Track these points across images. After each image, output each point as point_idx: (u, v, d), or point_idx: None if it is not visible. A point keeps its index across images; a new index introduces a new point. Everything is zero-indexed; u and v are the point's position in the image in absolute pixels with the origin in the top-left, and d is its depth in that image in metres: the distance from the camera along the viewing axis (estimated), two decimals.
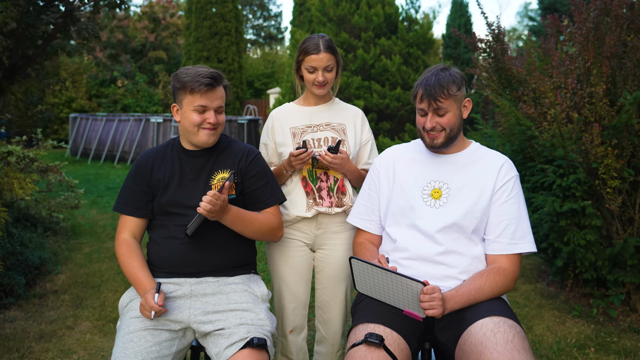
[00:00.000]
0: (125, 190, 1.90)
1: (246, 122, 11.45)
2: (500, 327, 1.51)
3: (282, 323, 2.22)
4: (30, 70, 3.66)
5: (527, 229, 1.75)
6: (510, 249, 1.73)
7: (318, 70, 2.05)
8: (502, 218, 1.74)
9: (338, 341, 2.27)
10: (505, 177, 1.77)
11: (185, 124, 1.83)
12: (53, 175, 4.65)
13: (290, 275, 2.18)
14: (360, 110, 2.25)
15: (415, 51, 7.65)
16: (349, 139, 2.16)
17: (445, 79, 1.74)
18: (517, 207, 1.75)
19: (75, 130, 13.20)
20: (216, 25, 16.13)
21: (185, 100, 1.80)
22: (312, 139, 2.14)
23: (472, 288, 1.66)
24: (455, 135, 1.80)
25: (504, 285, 1.70)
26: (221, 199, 1.68)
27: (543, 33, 13.09)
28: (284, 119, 2.18)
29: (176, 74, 1.84)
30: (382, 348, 1.52)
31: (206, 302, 1.77)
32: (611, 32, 3.06)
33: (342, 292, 2.23)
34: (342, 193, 2.14)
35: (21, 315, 3.24)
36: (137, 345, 1.62)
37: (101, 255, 4.60)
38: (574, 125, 3.10)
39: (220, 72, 1.84)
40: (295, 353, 2.24)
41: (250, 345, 1.61)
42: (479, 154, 1.84)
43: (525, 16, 29.12)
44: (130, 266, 1.81)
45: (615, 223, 3.13)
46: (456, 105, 1.77)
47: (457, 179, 1.80)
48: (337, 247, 2.18)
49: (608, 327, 3.10)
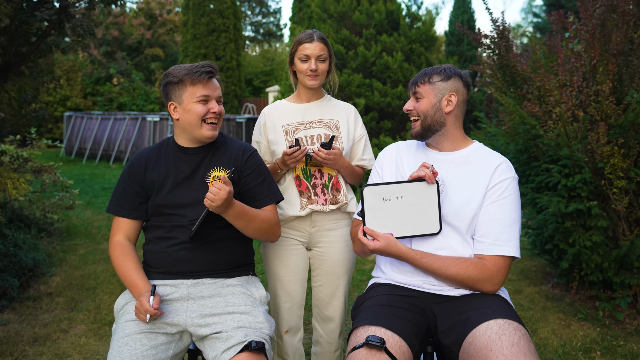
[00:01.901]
0: (118, 192, 1.90)
1: (244, 121, 11.46)
2: (506, 330, 1.51)
3: (277, 323, 2.24)
4: (24, 68, 3.67)
5: (514, 234, 1.72)
6: (493, 250, 1.70)
7: (311, 58, 2.10)
8: (489, 217, 1.73)
9: (336, 340, 2.28)
10: (499, 177, 1.75)
11: (189, 118, 1.83)
12: (47, 176, 4.65)
13: (285, 274, 2.20)
14: (353, 107, 2.29)
15: (417, 47, 7.64)
16: (342, 135, 2.19)
17: (435, 69, 1.83)
18: (507, 208, 1.73)
19: (70, 129, 13.21)
20: (214, 22, 16.13)
21: (186, 93, 1.81)
22: (304, 136, 2.17)
23: (437, 264, 1.69)
24: (432, 126, 1.81)
25: (475, 279, 1.68)
26: (226, 190, 1.67)
27: (548, 30, 13.08)
28: (276, 117, 2.21)
29: (168, 72, 1.85)
30: (383, 351, 1.52)
31: (203, 304, 1.77)
32: (618, 29, 3.06)
33: (341, 288, 2.25)
34: (336, 190, 2.17)
35: (15, 318, 3.24)
36: (132, 349, 1.62)
37: (96, 256, 4.60)
38: (579, 124, 3.10)
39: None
40: (292, 354, 2.25)
41: (248, 349, 1.61)
42: (478, 154, 1.84)
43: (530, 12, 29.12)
44: (125, 269, 1.81)
45: (622, 224, 3.13)
46: (433, 94, 1.80)
47: (453, 177, 1.81)
48: (333, 244, 2.21)
49: (614, 330, 3.10)
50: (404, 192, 1.72)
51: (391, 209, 1.72)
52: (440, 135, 1.84)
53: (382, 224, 1.72)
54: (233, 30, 16.62)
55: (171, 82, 1.83)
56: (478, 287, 1.71)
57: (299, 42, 2.13)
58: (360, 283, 3.96)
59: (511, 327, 1.53)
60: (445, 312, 1.72)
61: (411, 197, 1.72)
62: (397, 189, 1.72)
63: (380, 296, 1.79)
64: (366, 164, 2.27)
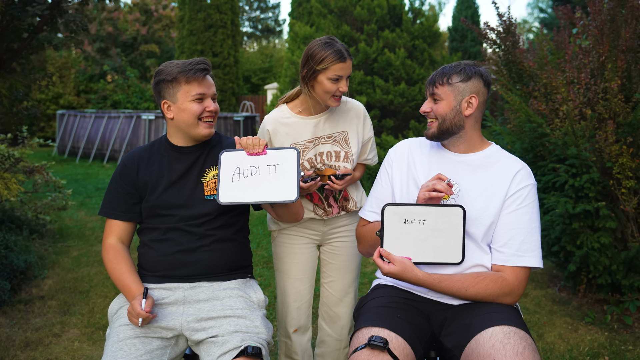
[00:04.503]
0: (110, 193, 1.90)
1: (242, 119, 11.46)
2: (511, 339, 1.50)
3: (285, 323, 2.25)
4: (15, 65, 3.67)
5: (536, 243, 1.70)
6: (514, 261, 1.68)
7: (343, 78, 2.00)
8: (509, 227, 1.70)
9: (345, 337, 2.30)
10: (519, 185, 1.72)
11: (185, 117, 1.83)
12: (39, 176, 4.65)
13: (295, 272, 2.23)
14: (361, 104, 2.24)
15: (420, 44, 7.63)
16: (352, 144, 2.17)
17: (453, 68, 1.77)
18: (528, 217, 1.70)
19: (63, 128, 13.20)
20: (211, 18, 16.12)
21: (181, 92, 1.81)
22: (314, 155, 2.14)
23: (456, 286, 1.66)
24: (450, 129, 1.77)
25: (495, 295, 1.67)
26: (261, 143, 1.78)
27: (555, 25, 13.07)
28: (284, 135, 2.12)
29: (160, 69, 1.84)
30: (386, 352, 1.52)
31: (200, 308, 1.77)
32: (627, 25, 3.06)
33: (352, 284, 2.29)
34: (344, 199, 2.21)
35: (6, 322, 3.24)
36: (126, 354, 1.62)
37: (90, 259, 4.60)
38: (587, 123, 3.10)
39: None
40: (301, 354, 2.26)
41: (244, 354, 1.60)
42: (495, 157, 1.80)
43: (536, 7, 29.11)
44: (118, 272, 1.81)
45: (631, 225, 3.13)
46: (453, 96, 1.75)
47: (469, 181, 1.77)
48: (345, 238, 2.26)
49: (623, 334, 3.10)
50: (428, 216, 1.66)
51: (412, 232, 1.67)
52: (458, 137, 1.80)
53: (401, 247, 1.68)
54: (230, 26, 16.61)
55: (164, 80, 1.82)
56: (498, 302, 1.69)
57: (331, 60, 1.94)
58: (361, 286, 3.96)
59: (517, 336, 1.51)
60: (449, 316, 1.71)
61: (434, 221, 1.67)
62: (421, 211, 1.66)
63: (384, 297, 1.78)
64: (369, 162, 2.29)
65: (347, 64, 1.97)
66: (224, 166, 1.75)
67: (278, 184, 1.72)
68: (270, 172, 1.74)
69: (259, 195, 1.73)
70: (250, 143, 1.78)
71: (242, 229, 1.96)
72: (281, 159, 1.75)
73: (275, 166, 1.74)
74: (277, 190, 1.72)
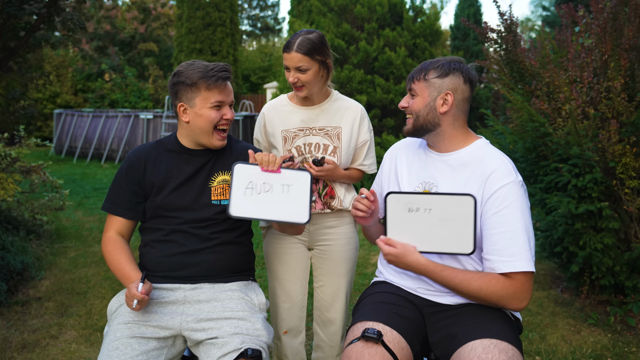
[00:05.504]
0: (115, 189, 1.90)
1: (242, 119, 11.45)
2: (489, 353, 1.47)
3: (276, 324, 2.27)
4: (12, 64, 3.67)
5: (523, 245, 1.59)
6: (501, 267, 1.60)
7: (290, 69, 2.04)
8: (492, 232, 1.62)
9: (337, 344, 2.30)
10: (495, 185, 1.63)
11: (200, 124, 1.82)
12: (36, 175, 4.65)
13: (283, 273, 2.23)
14: (362, 106, 2.24)
15: (421, 42, 7.63)
16: (343, 143, 2.17)
17: (432, 63, 1.74)
18: (511, 218, 1.60)
19: (60, 127, 13.21)
20: (210, 16, 16.12)
21: (200, 97, 1.79)
22: (303, 143, 2.16)
23: (459, 277, 1.62)
24: (425, 126, 1.74)
25: (499, 296, 1.59)
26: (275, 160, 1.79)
27: (557, 23, 13.07)
28: (277, 121, 2.18)
29: (180, 71, 1.82)
30: (380, 344, 1.52)
31: (200, 309, 1.77)
32: (630, 23, 3.06)
33: (343, 288, 2.27)
34: (330, 197, 2.20)
35: (2, 324, 3.24)
36: (122, 354, 1.62)
37: (87, 259, 4.60)
38: (590, 122, 3.10)
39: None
40: (291, 357, 2.26)
41: (244, 356, 1.61)
42: (477, 154, 1.73)
43: (539, 6, 29.11)
44: (117, 261, 1.81)
45: (634, 226, 3.13)
46: (428, 92, 1.71)
47: (446, 182, 1.73)
48: (335, 241, 2.24)
49: (626, 336, 3.10)
50: (434, 205, 1.62)
51: (417, 221, 1.64)
52: (435, 135, 1.76)
53: (405, 236, 1.65)
54: (229, 24, 16.61)
55: (183, 82, 1.80)
56: (503, 304, 1.62)
57: (283, 48, 2.05)
58: (361, 287, 3.96)
59: (496, 350, 1.48)
60: (436, 323, 1.70)
61: (442, 210, 1.61)
62: (426, 200, 1.63)
63: (381, 294, 1.79)
64: (366, 169, 2.27)
65: (291, 56, 2.00)
66: (236, 178, 1.76)
67: (290, 204, 1.75)
68: (283, 191, 1.76)
69: (270, 214, 1.75)
70: (266, 160, 1.77)
71: (246, 232, 1.96)
72: (294, 180, 1.77)
73: (289, 187, 1.76)
74: (288, 210, 1.75)
